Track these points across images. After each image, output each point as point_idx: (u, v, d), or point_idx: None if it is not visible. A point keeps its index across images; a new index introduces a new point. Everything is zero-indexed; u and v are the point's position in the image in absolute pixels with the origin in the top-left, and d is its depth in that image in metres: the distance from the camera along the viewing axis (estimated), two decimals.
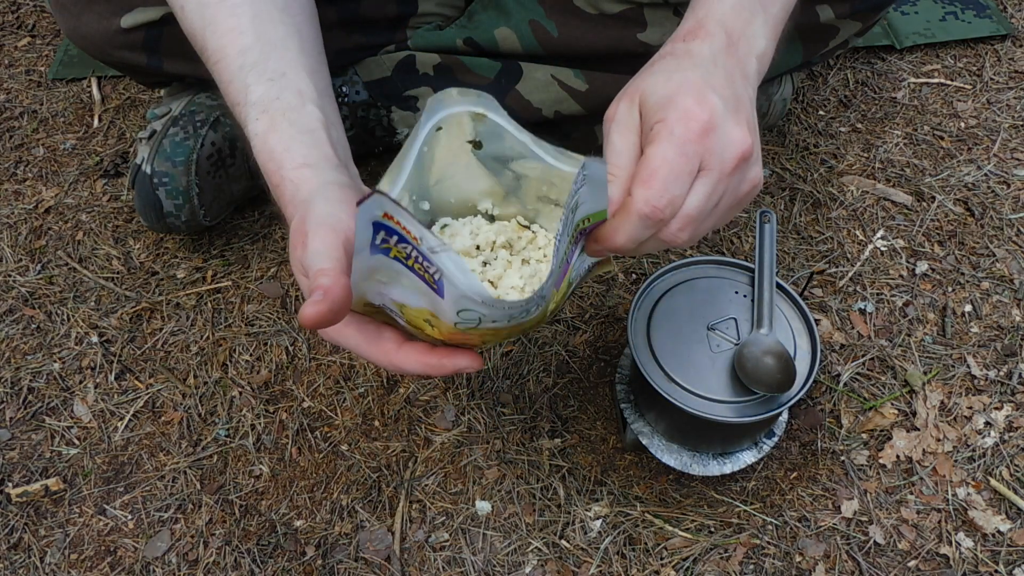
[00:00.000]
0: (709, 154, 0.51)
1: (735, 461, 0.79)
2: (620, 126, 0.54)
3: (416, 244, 0.44)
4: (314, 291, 0.46)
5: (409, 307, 0.50)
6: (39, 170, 1.15)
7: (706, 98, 0.52)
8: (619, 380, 0.83)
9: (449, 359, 0.52)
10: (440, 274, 0.45)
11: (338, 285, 0.46)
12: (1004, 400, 0.89)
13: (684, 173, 0.51)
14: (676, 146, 0.50)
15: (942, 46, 1.27)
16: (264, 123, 0.58)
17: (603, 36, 0.93)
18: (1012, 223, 1.04)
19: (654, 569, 0.78)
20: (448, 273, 0.44)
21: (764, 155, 1.13)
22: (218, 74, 0.63)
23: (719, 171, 0.52)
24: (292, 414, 0.90)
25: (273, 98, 0.58)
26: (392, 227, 0.43)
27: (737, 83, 0.56)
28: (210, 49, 0.63)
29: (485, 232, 0.56)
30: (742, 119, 0.53)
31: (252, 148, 0.59)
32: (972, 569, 0.78)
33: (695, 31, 0.58)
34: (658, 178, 0.50)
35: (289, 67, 0.60)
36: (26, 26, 1.37)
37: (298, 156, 0.56)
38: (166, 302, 0.99)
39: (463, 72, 0.99)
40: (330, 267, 0.48)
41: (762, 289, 0.76)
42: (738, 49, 0.57)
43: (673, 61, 0.56)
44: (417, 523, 0.82)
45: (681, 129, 0.51)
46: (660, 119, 0.52)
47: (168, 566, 0.80)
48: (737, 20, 0.58)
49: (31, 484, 0.85)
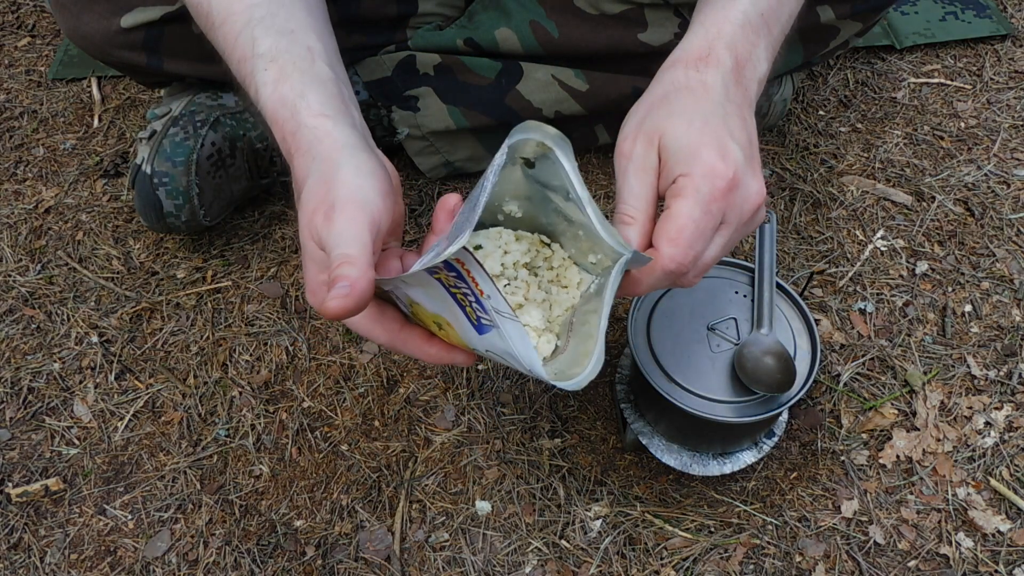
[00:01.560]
0: (731, 209, 0.54)
1: (735, 461, 0.79)
2: (637, 168, 0.55)
3: (476, 292, 0.44)
4: (338, 280, 0.45)
5: (424, 308, 0.49)
6: (39, 170, 1.15)
7: (728, 152, 0.53)
8: (619, 380, 0.83)
9: (448, 354, 0.53)
10: (492, 325, 0.45)
11: (364, 278, 0.45)
12: (1004, 400, 0.89)
13: (708, 230, 0.53)
14: (702, 205, 0.52)
15: (942, 46, 1.27)
16: (273, 72, 0.55)
17: (603, 36, 0.93)
18: (1012, 223, 1.04)
19: (654, 569, 0.78)
20: (508, 337, 0.45)
21: (764, 155, 1.13)
22: (223, 35, 0.60)
23: (737, 223, 0.55)
24: (292, 414, 0.90)
25: (283, 50, 0.56)
26: (456, 268, 0.43)
27: (747, 119, 0.57)
28: (215, 11, 0.61)
29: (513, 252, 0.56)
30: (757, 168, 0.55)
31: (259, 99, 0.56)
32: (972, 569, 0.78)
33: (705, 58, 0.58)
34: (685, 237, 0.52)
35: (298, 25, 0.59)
36: (26, 26, 1.37)
37: (315, 104, 0.54)
38: (166, 302, 0.99)
39: (463, 72, 0.99)
40: (356, 255, 0.46)
41: (762, 289, 0.76)
42: (744, 75, 0.59)
43: (691, 99, 0.56)
44: (417, 523, 0.82)
45: (708, 188, 0.52)
46: (685, 173, 0.53)
47: (168, 566, 0.80)
48: (744, 43, 0.59)
49: (31, 484, 0.85)
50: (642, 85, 1.07)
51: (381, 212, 0.49)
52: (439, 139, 1.04)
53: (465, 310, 0.46)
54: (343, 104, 0.56)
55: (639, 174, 0.55)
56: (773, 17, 0.62)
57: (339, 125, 0.53)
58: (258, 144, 1.00)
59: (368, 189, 0.49)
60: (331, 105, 0.54)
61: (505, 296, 0.44)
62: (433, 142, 1.04)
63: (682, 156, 0.53)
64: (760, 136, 1.14)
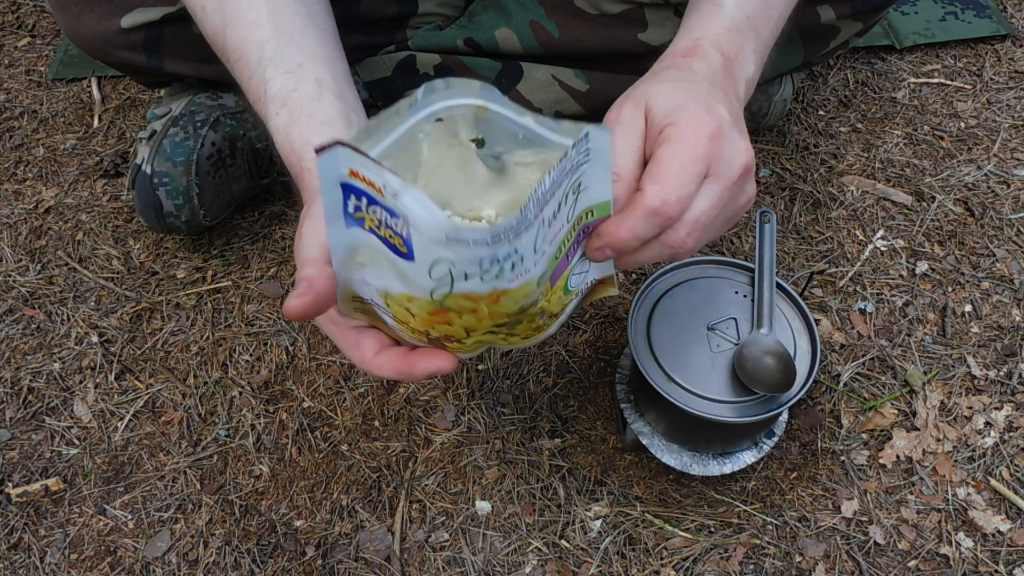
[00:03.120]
0: (717, 160, 0.52)
1: (735, 461, 0.79)
2: (624, 129, 0.55)
3: (382, 199, 0.40)
4: (299, 282, 0.46)
5: (392, 294, 0.47)
6: (39, 170, 1.15)
7: (714, 107, 0.53)
8: (619, 380, 0.83)
9: (422, 361, 0.50)
10: (407, 227, 0.40)
11: (323, 275, 0.47)
12: (1004, 400, 0.89)
13: (695, 174, 0.51)
14: (688, 147, 0.51)
15: (942, 46, 1.27)
16: (284, 117, 0.59)
17: (604, 36, 0.93)
18: (1012, 223, 1.04)
19: (654, 569, 0.78)
20: (413, 217, 0.39)
21: (764, 155, 1.13)
22: (239, 72, 0.64)
23: (726, 178, 0.53)
24: (292, 414, 0.90)
25: (291, 89, 0.60)
26: (361, 188, 0.40)
27: (734, 103, 0.57)
28: (230, 47, 0.64)
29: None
30: (744, 133, 0.55)
31: (275, 143, 0.60)
32: (972, 569, 0.78)
33: (692, 51, 0.59)
34: (670, 174, 0.50)
35: (306, 57, 0.62)
36: (26, 26, 1.37)
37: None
38: (166, 302, 0.99)
39: (464, 72, 0.99)
40: (315, 255, 0.48)
41: (762, 289, 0.76)
42: (732, 72, 0.59)
43: (676, 73, 0.57)
44: (417, 523, 0.82)
45: (692, 133, 0.51)
46: (671, 123, 0.52)
47: (168, 566, 0.80)
48: (732, 44, 0.59)
49: (31, 484, 0.85)
50: None
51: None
52: None
53: (396, 246, 0.41)
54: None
55: (625, 134, 0.54)
56: (760, 20, 0.62)
57: None
58: (258, 144, 1.00)
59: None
60: None
61: (392, 170, 0.38)
62: None
63: (668, 111, 0.53)
64: (760, 136, 1.15)
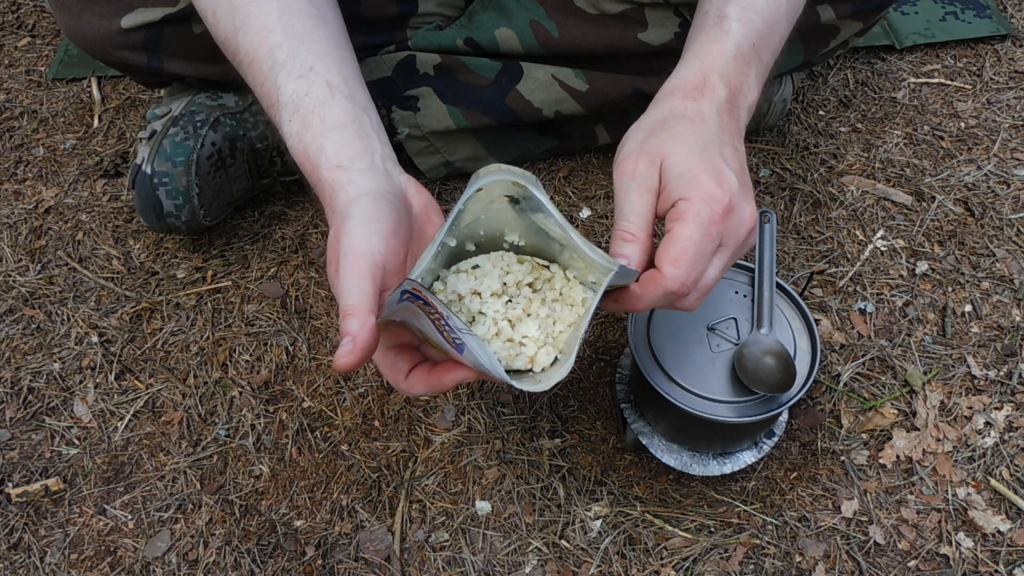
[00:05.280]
0: (728, 233, 0.58)
1: (735, 461, 0.79)
2: (640, 186, 0.59)
3: (440, 315, 0.48)
4: (343, 337, 0.50)
5: (428, 336, 0.54)
6: (39, 170, 1.15)
7: (724, 179, 0.57)
8: (619, 380, 0.83)
9: (448, 374, 0.56)
10: (462, 344, 0.50)
11: (365, 329, 0.50)
12: (1004, 400, 0.89)
13: (708, 252, 0.57)
14: (703, 228, 0.56)
15: (942, 46, 1.27)
16: (297, 124, 0.61)
17: (604, 36, 0.93)
18: (1012, 223, 1.04)
19: (654, 569, 0.78)
20: (472, 348, 0.50)
21: (764, 155, 1.13)
22: (251, 77, 0.66)
23: (734, 245, 0.59)
24: (292, 414, 0.90)
25: (303, 95, 0.61)
26: (420, 297, 0.47)
27: (738, 147, 0.62)
28: (242, 52, 0.65)
29: (515, 272, 0.61)
30: (750, 194, 0.60)
31: (288, 147, 0.62)
32: (972, 569, 0.78)
33: (701, 88, 0.62)
34: (687, 258, 0.56)
35: (317, 60, 0.63)
36: (26, 26, 1.37)
37: (331, 156, 0.59)
38: (166, 302, 0.99)
39: (464, 72, 0.99)
40: (357, 304, 0.51)
41: (762, 289, 0.76)
42: (737, 104, 0.63)
43: (689, 127, 0.60)
44: (417, 523, 0.82)
45: (706, 212, 0.56)
46: (686, 197, 0.57)
47: (168, 566, 0.80)
48: (737, 74, 0.63)
49: (31, 484, 0.85)
50: (642, 85, 1.07)
51: (385, 253, 0.55)
52: (439, 139, 1.04)
53: (443, 334, 0.50)
54: (361, 143, 0.61)
55: (641, 192, 0.59)
56: (764, 46, 0.66)
57: (353, 174, 0.59)
58: (258, 144, 1.00)
59: (371, 235, 0.55)
60: (347, 153, 0.60)
61: (454, 314, 0.49)
62: (433, 142, 1.04)
63: (683, 181, 0.57)
64: (760, 136, 1.15)
